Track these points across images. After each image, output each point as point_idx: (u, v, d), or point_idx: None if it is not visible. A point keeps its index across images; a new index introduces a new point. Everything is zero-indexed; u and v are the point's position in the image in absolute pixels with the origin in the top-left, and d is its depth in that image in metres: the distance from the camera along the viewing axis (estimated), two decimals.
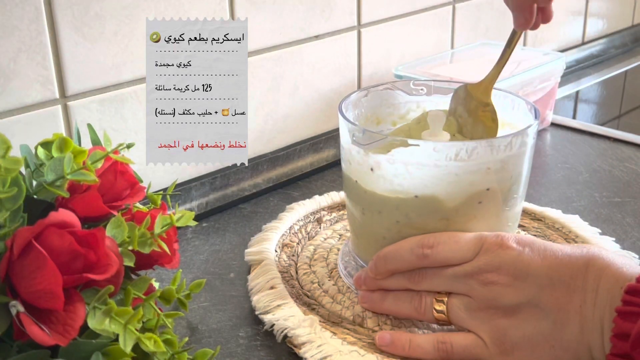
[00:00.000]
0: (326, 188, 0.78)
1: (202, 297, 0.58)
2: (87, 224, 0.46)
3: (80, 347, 0.40)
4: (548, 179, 0.79)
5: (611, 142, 0.88)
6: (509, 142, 0.51)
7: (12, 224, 0.40)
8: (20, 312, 0.38)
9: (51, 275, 0.38)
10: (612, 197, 0.74)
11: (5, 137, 0.40)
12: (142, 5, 0.65)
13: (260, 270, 0.60)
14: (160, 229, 0.46)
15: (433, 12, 0.93)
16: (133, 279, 0.47)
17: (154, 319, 0.46)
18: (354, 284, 0.56)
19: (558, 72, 0.90)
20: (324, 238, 0.66)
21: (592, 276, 0.45)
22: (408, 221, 0.52)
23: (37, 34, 0.59)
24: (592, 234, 0.65)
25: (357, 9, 0.84)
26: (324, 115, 0.84)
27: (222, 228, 0.70)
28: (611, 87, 1.17)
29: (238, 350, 0.52)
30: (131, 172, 0.49)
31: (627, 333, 0.41)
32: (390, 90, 0.63)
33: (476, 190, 0.51)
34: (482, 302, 0.48)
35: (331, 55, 0.83)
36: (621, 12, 1.31)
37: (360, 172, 0.54)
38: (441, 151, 0.50)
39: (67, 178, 0.43)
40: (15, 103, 0.59)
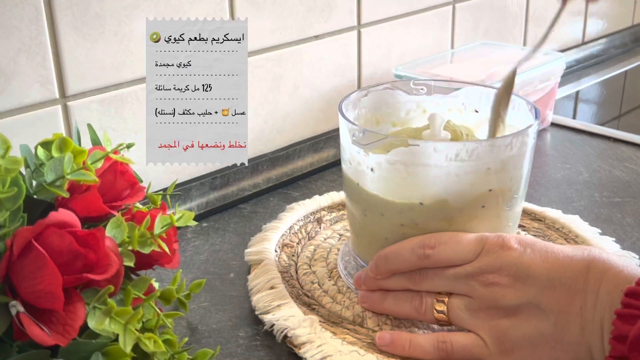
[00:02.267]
0: (326, 188, 0.78)
1: (202, 297, 0.58)
2: (87, 224, 0.46)
3: (80, 347, 0.40)
4: (548, 179, 0.79)
5: (611, 142, 0.88)
6: (509, 142, 0.51)
7: (12, 224, 0.40)
8: (20, 312, 0.38)
9: (51, 275, 0.38)
10: (612, 197, 0.74)
11: (5, 137, 0.40)
12: (142, 5, 0.65)
13: (260, 270, 0.60)
14: (160, 229, 0.46)
15: (433, 12, 0.93)
16: (133, 279, 0.47)
17: (154, 319, 0.46)
18: (353, 284, 0.56)
19: (558, 72, 0.90)
20: (324, 238, 0.66)
21: (593, 278, 0.45)
22: (411, 223, 0.52)
23: (37, 34, 0.59)
24: (592, 234, 0.65)
25: (357, 9, 0.84)
26: (324, 115, 0.84)
27: (222, 228, 0.70)
28: (611, 87, 1.17)
29: (238, 350, 0.52)
30: (131, 172, 0.49)
31: (626, 335, 0.41)
32: (390, 90, 0.63)
33: (476, 190, 0.51)
34: (482, 303, 0.48)
35: (331, 55, 0.82)
36: (621, 12, 1.31)
37: (361, 173, 0.54)
38: (441, 151, 0.50)
39: (67, 178, 0.42)
40: (15, 103, 0.59)
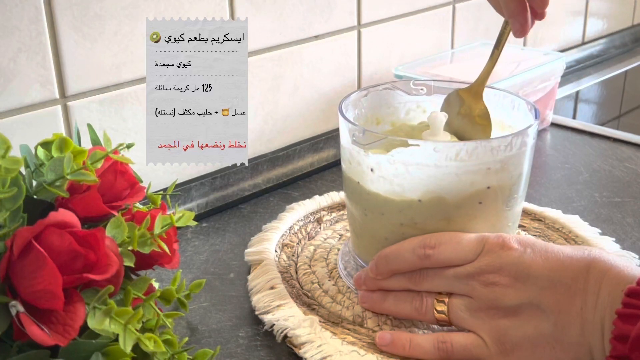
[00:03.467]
0: (326, 188, 0.78)
1: (202, 297, 0.58)
2: (87, 224, 0.46)
3: (80, 347, 0.40)
4: (548, 179, 0.79)
5: (611, 142, 0.88)
6: (509, 142, 0.51)
7: (12, 224, 0.40)
8: (20, 312, 0.38)
9: (51, 275, 0.38)
10: (612, 197, 0.74)
11: (5, 137, 0.40)
12: (142, 5, 0.65)
13: (260, 270, 0.60)
14: (160, 229, 0.46)
15: (433, 12, 0.93)
16: (133, 279, 0.47)
17: (154, 319, 0.46)
18: (354, 283, 0.56)
19: (558, 72, 0.90)
20: (324, 238, 0.66)
21: (593, 278, 0.45)
22: (411, 223, 0.52)
23: (37, 34, 0.59)
24: (592, 234, 0.65)
25: (357, 9, 0.84)
26: (324, 115, 0.84)
27: (222, 228, 0.70)
28: (611, 87, 1.17)
29: (238, 351, 0.52)
30: (131, 172, 0.49)
31: (627, 335, 0.41)
32: (390, 90, 0.63)
33: (477, 190, 0.51)
34: (483, 303, 0.48)
35: (331, 55, 0.82)
36: (621, 12, 1.31)
37: (361, 173, 0.54)
38: (441, 151, 0.50)
39: (67, 178, 0.42)
40: (15, 103, 0.59)
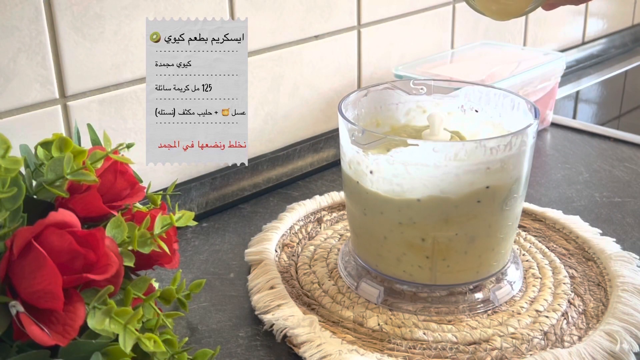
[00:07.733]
0: (326, 188, 0.78)
1: (202, 297, 0.58)
2: (87, 224, 0.46)
3: (80, 347, 0.40)
4: (548, 179, 0.79)
5: (611, 142, 0.88)
6: (509, 142, 0.51)
7: (12, 224, 0.40)
8: (20, 312, 0.38)
9: (51, 275, 0.38)
10: (612, 197, 0.74)
11: (5, 137, 0.40)
12: (142, 5, 0.65)
13: (260, 270, 0.60)
14: (160, 229, 0.46)
15: (433, 12, 0.93)
16: (133, 279, 0.47)
17: (154, 319, 0.46)
18: None
19: (558, 72, 0.90)
20: (324, 238, 0.66)
21: None
22: (410, 222, 0.52)
23: (37, 34, 0.59)
24: (593, 235, 0.65)
25: (357, 9, 0.84)
26: (324, 115, 0.84)
27: (222, 228, 0.70)
28: (611, 87, 1.17)
29: (238, 350, 0.52)
30: (131, 172, 0.49)
31: None
32: (390, 90, 0.63)
33: (476, 189, 0.51)
34: None
35: (331, 55, 0.82)
36: (621, 12, 1.31)
37: (360, 172, 0.54)
38: (441, 151, 0.50)
39: (67, 178, 0.43)
40: (15, 103, 0.59)
